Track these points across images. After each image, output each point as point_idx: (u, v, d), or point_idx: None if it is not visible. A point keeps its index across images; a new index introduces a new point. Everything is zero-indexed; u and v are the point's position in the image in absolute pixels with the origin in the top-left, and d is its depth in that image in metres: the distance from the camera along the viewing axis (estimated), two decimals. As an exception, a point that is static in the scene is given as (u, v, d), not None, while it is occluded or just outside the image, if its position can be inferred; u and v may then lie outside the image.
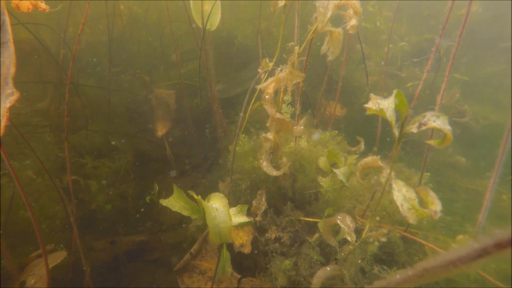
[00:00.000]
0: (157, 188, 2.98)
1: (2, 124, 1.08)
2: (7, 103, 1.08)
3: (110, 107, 3.86)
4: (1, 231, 1.88)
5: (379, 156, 1.43)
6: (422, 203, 1.13)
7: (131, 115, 4.07)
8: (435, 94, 4.42)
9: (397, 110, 1.16)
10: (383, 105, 1.10)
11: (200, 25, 2.74)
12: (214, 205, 1.38)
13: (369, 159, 1.44)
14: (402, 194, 1.10)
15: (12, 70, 1.08)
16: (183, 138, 3.93)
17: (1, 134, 1.09)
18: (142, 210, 3.38)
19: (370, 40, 5.40)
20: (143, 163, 3.79)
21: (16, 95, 1.08)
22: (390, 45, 5.15)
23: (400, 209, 1.09)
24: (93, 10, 4.44)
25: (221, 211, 1.35)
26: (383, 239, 1.41)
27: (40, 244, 1.56)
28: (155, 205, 3.37)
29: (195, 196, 1.45)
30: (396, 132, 1.19)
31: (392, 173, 1.26)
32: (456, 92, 4.15)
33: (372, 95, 1.22)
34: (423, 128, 1.05)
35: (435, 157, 3.39)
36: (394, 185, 1.13)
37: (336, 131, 2.49)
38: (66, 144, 2.25)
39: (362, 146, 2.74)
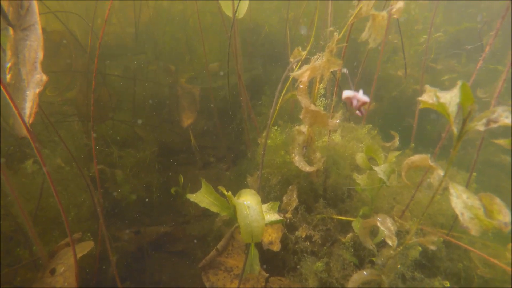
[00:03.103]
0: (182, 180, 2.95)
1: (33, 110, 1.03)
2: (37, 89, 1.03)
3: (136, 97, 3.86)
4: (1, 223, 1.88)
5: (429, 155, 1.28)
6: (486, 211, 0.99)
7: (156, 105, 4.06)
8: (474, 88, 4.11)
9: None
10: (445, 98, 0.96)
11: (228, 13, 2.64)
12: (245, 202, 1.29)
13: (416, 157, 1.30)
14: (462, 201, 0.97)
15: (41, 54, 1.03)
16: (208, 130, 3.88)
17: (31, 120, 1.04)
18: (166, 201, 3.37)
19: (403, 30, 5.09)
20: (168, 154, 3.78)
21: (45, 80, 1.03)
22: (425, 36, 4.84)
23: (460, 218, 0.96)
24: (120, 2, 4.44)
25: (254, 209, 1.26)
26: (432, 247, 1.28)
27: (68, 234, 1.54)
28: (179, 196, 3.35)
29: (225, 192, 1.36)
30: (455, 129, 1.05)
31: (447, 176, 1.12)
32: (498, 88, 3.83)
33: (427, 87, 1.08)
34: (493, 125, 0.91)
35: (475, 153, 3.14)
36: (452, 190, 1.00)
37: (370, 125, 2.34)
38: (92, 134, 2.23)
39: (396, 141, 2.57)
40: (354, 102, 1.31)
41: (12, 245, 1.75)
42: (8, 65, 1.39)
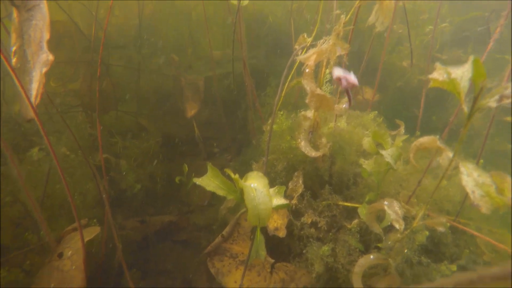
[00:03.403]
0: (187, 169, 2.95)
1: (39, 90, 1.02)
2: (43, 68, 1.02)
3: (139, 88, 3.86)
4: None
5: (437, 136, 1.27)
6: (497, 190, 0.97)
7: (159, 96, 4.06)
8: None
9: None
10: (456, 74, 0.94)
11: (232, 1, 2.63)
12: (252, 185, 1.29)
13: (425, 139, 1.29)
14: (473, 179, 0.96)
15: (47, 33, 1.02)
16: (212, 120, 3.87)
17: (37, 101, 1.04)
18: (170, 191, 3.38)
19: (409, 20, 5.02)
20: (171, 144, 3.79)
21: (51, 59, 1.02)
22: (430, 27, 4.78)
23: (471, 196, 0.95)
24: (123, -5, 4.41)
25: (261, 191, 1.26)
26: (441, 229, 1.27)
27: (75, 218, 1.54)
28: (184, 186, 3.35)
29: (232, 175, 1.36)
30: (465, 107, 1.04)
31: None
32: (506, 75, 3.79)
33: (437, 65, 1.06)
34: (506, 101, 0.89)
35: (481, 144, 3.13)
36: (462, 169, 0.99)
37: (376, 112, 2.33)
38: (97, 122, 2.23)
39: (402, 130, 2.56)
40: (343, 83, 1.27)
41: (20, 231, 1.76)
42: (13, 48, 1.38)
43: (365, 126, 2.12)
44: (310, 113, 1.75)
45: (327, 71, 1.81)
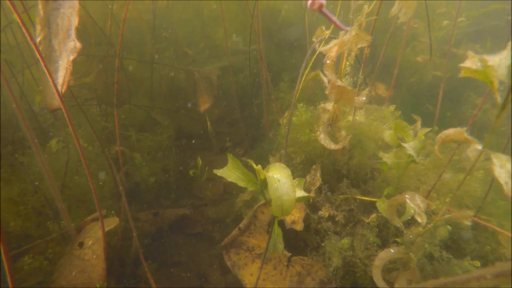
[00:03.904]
0: (201, 162, 2.96)
1: (66, 78, 1.03)
2: (71, 56, 1.03)
3: (152, 82, 3.87)
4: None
5: (464, 128, 1.24)
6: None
7: (172, 90, 4.07)
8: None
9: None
10: (493, 61, 0.92)
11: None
12: (275, 176, 1.28)
13: (451, 131, 1.26)
14: (506, 171, 0.94)
15: (75, 20, 1.03)
16: (225, 114, 3.87)
17: (64, 89, 1.04)
18: (184, 184, 3.40)
19: (425, 14, 4.93)
20: (184, 139, 3.80)
21: (79, 47, 1.02)
22: (446, 21, 4.68)
23: (505, 188, 0.93)
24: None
25: (284, 182, 1.25)
26: (467, 222, 1.25)
27: (97, 208, 1.56)
28: (196, 180, 3.37)
29: (254, 165, 1.36)
30: (498, 97, 1.01)
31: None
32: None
33: (470, 53, 1.03)
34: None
35: (499, 140, 3.07)
36: (495, 160, 0.96)
37: (394, 105, 2.29)
38: (116, 116, 2.26)
39: (418, 125, 2.53)
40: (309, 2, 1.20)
41: (42, 219, 1.79)
42: (38, 39, 1.39)
43: (383, 120, 2.09)
44: (329, 106, 1.73)
45: (347, 63, 1.79)
